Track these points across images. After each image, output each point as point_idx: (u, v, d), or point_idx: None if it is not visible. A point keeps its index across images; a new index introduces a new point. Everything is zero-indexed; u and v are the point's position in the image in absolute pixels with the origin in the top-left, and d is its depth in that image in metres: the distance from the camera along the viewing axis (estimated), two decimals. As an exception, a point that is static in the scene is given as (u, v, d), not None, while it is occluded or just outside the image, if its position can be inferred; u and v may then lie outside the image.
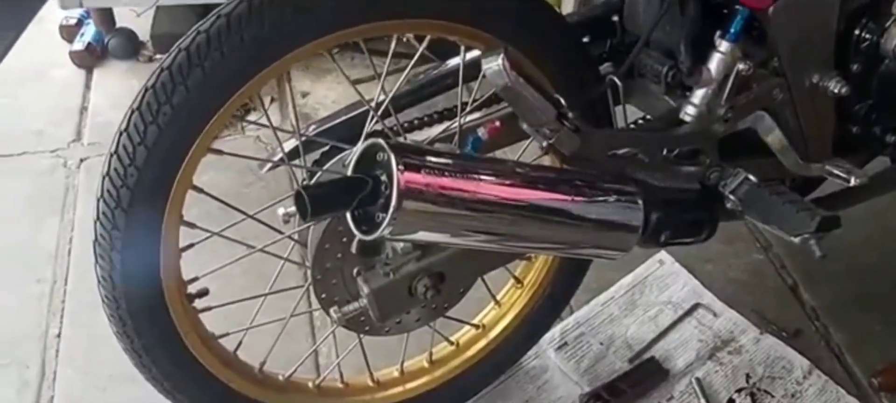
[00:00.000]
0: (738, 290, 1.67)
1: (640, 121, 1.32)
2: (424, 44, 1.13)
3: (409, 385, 1.35)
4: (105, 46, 2.27)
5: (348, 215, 0.91)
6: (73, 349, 1.51)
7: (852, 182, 1.22)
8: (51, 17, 2.30)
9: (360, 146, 0.92)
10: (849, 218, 1.34)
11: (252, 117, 2.00)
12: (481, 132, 1.04)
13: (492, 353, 1.38)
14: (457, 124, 1.17)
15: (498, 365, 1.42)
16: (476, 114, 1.22)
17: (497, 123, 1.05)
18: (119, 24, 2.29)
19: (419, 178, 0.86)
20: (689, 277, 1.68)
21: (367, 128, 1.14)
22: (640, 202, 1.04)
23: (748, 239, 1.77)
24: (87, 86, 2.20)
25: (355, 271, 1.12)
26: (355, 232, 0.91)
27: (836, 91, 1.20)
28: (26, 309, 1.57)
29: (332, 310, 1.10)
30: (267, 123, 1.11)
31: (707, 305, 1.63)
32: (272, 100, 2.11)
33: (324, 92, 2.18)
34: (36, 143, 1.98)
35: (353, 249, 1.10)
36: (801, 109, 1.22)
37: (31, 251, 1.69)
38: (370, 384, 1.33)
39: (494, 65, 0.93)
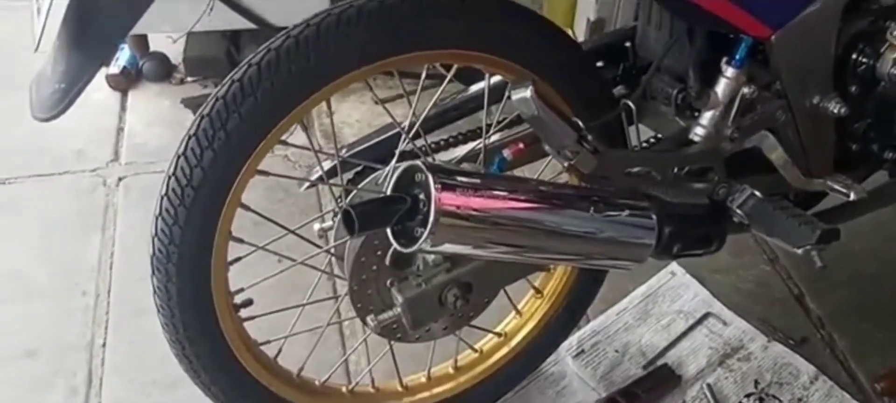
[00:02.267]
0: (746, 300, 1.75)
1: (652, 140, 1.42)
2: (452, 71, 1.23)
3: (436, 390, 1.44)
4: (139, 70, 2.38)
5: (388, 230, 1.00)
6: (118, 357, 1.60)
7: (852, 196, 1.30)
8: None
9: (398, 167, 1.01)
10: (852, 229, 1.42)
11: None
12: (506, 153, 1.13)
13: (513, 360, 1.47)
14: (481, 144, 1.26)
15: (519, 372, 1.50)
16: (498, 135, 1.32)
17: (520, 145, 1.14)
18: (153, 49, 2.40)
19: (454, 197, 0.95)
20: (700, 288, 1.76)
21: (399, 149, 1.24)
22: (654, 217, 1.13)
23: (756, 252, 1.86)
24: (123, 108, 2.31)
25: (389, 282, 1.20)
26: (395, 245, 1.00)
27: (835, 111, 1.28)
28: (72, 320, 1.66)
29: (368, 319, 1.19)
30: (309, 146, 1.21)
31: (717, 314, 1.71)
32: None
33: (348, 110, 2.28)
34: (77, 163, 2.09)
35: (388, 262, 1.19)
36: (803, 129, 1.31)
37: (76, 265, 1.78)
38: (399, 389, 1.42)
39: (523, 94, 1.02)
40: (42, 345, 1.62)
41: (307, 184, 1.31)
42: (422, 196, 0.97)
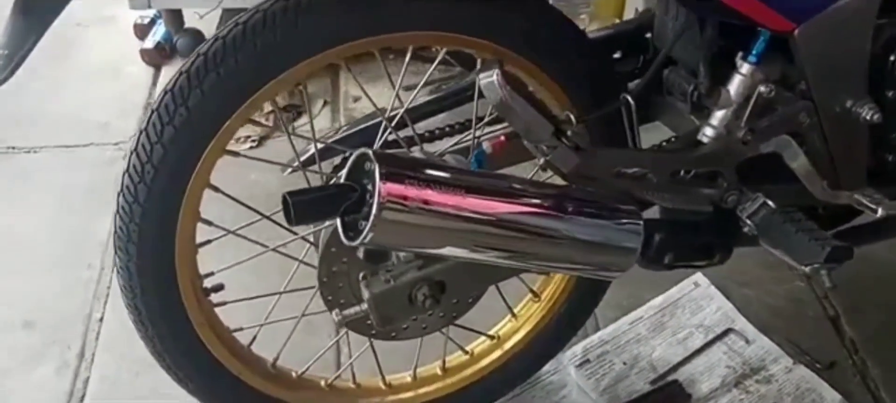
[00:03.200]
0: (774, 317, 1.62)
1: (673, 140, 1.31)
2: (440, 56, 1.16)
3: (421, 391, 1.36)
4: (173, 46, 2.37)
5: (338, 221, 0.94)
6: (113, 333, 1.58)
7: (880, 212, 1.17)
8: (126, 16, 2.43)
9: (351, 154, 0.94)
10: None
11: (304, 120, 2.09)
12: (486, 146, 1.05)
13: (505, 365, 1.38)
14: (471, 136, 1.18)
15: (511, 378, 1.42)
16: (495, 127, 1.23)
17: (502, 138, 1.05)
18: (187, 25, 2.39)
19: (401, 189, 0.88)
20: (724, 301, 1.64)
21: (380, 138, 1.17)
22: (641, 222, 1.03)
23: (790, 266, 1.72)
24: (154, 84, 2.31)
25: (361, 275, 1.14)
26: (343, 237, 0.94)
27: (868, 118, 1.15)
28: (74, 292, 1.66)
29: (334, 313, 1.13)
30: (285, 130, 1.15)
31: (739, 331, 1.58)
32: (325, 103, 2.17)
33: (374, 96, 2.21)
34: (101, 135, 2.09)
35: (360, 254, 1.13)
36: (831, 135, 1.18)
37: (86, 238, 1.78)
38: (382, 386, 1.36)
39: (489, 79, 0.93)
40: (41, 316, 1.62)
41: (289, 169, 1.25)
42: (370, 186, 0.89)
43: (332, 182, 1.16)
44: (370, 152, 0.89)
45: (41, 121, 2.10)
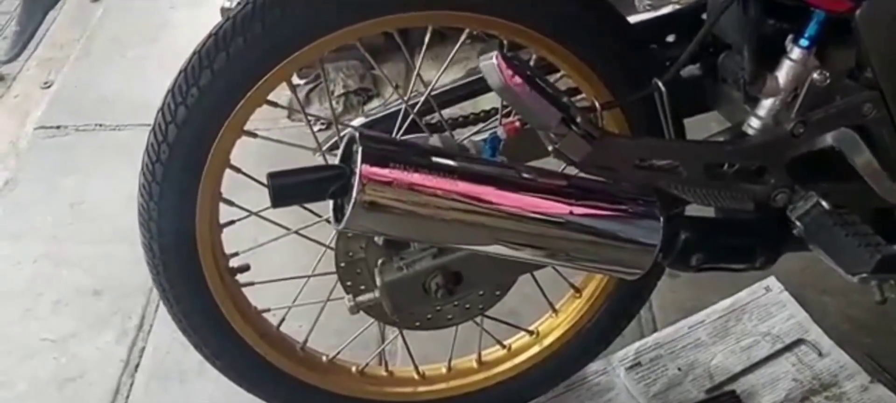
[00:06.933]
0: (854, 330, 1.47)
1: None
2: (464, 35, 1.11)
3: (454, 383, 1.33)
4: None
5: (331, 203, 0.91)
6: (171, 306, 1.63)
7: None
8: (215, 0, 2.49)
9: (345, 135, 0.91)
10: None
11: (375, 103, 2.08)
12: (500, 131, 0.99)
13: (543, 362, 1.32)
14: (498, 123, 1.13)
15: (551, 376, 1.35)
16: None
17: (517, 123, 0.99)
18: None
19: (384, 172, 0.84)
20: (798, 309, 1.50)
21: (402, 123, 1.13)
22: (660, 217, 0.94)
23: (880, 274, 1.55)
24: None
25: (380, 262, 1.11)
26: (333, 220, 0.91)
27: (949, 110, 1.02)
28: (140, 266, 1.67)
29: (346, 298, 1.11)
30: (300, 110, 1.14)
31: (813, 342, 1.45)
32: (397, 86, 2.15)
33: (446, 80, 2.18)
34: (182, 115, 2.16)
35: (378, 241, 1.10)
36: (904, 130, 1.05)
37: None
38: (415, 376, 1.33)
39: (489, 62, 0.88)
40: (110, 285, 1.69)
41: (317, 153, 1.23)
42: (355, 168, 0.86)
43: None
44: (357, 133, 0.86)
45: (127, 101, 2.18)
